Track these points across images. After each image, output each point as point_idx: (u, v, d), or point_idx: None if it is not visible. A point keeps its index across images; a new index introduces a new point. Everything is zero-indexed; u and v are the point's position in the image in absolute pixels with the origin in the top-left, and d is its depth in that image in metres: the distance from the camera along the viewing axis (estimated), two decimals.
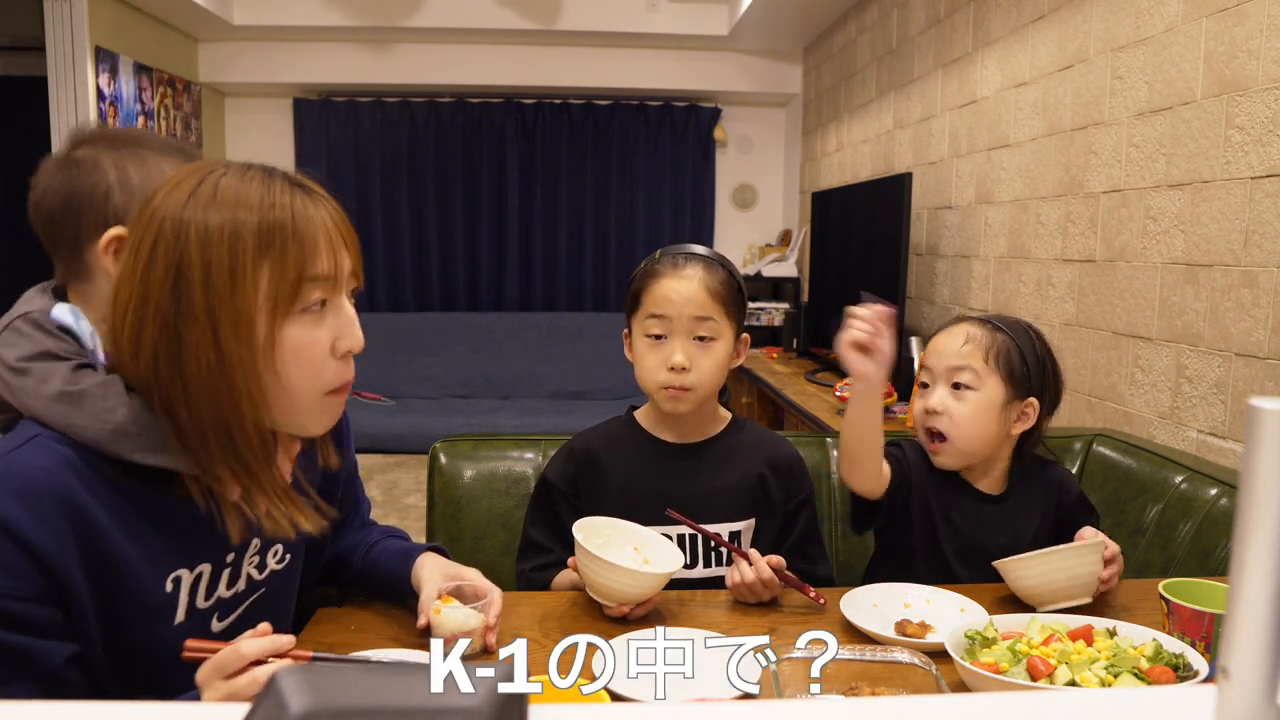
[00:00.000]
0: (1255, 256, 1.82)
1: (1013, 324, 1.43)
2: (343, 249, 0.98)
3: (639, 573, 1.17)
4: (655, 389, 1.39)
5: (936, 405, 1.40)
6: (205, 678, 0.88)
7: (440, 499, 1.78)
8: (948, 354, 1.41)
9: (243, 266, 0.91)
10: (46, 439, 0.91)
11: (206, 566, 1.01)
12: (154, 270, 0.91)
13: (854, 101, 4.47)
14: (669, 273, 1.37)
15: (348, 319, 1.00)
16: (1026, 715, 0.58)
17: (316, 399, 0.99)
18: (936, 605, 1.24)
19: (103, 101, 4.30)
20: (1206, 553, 1.50)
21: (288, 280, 0.93)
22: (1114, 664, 0.96)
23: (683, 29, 5.15)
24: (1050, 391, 1.43)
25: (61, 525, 0.88)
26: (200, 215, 0.91)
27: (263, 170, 0.96)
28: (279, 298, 0.93)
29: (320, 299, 0.97)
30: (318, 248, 0.95)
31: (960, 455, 1.40)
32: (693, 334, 1.36)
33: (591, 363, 5.76)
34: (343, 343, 0.99)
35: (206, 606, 1.02)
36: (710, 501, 1.41)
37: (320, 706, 0.56)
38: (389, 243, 5.89)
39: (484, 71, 5.47)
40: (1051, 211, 2.61)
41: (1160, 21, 2.12)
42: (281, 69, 5.40)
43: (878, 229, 3.45)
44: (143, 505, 0.95)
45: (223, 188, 0.93)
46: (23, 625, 0.87)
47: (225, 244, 0.91)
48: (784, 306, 5.18)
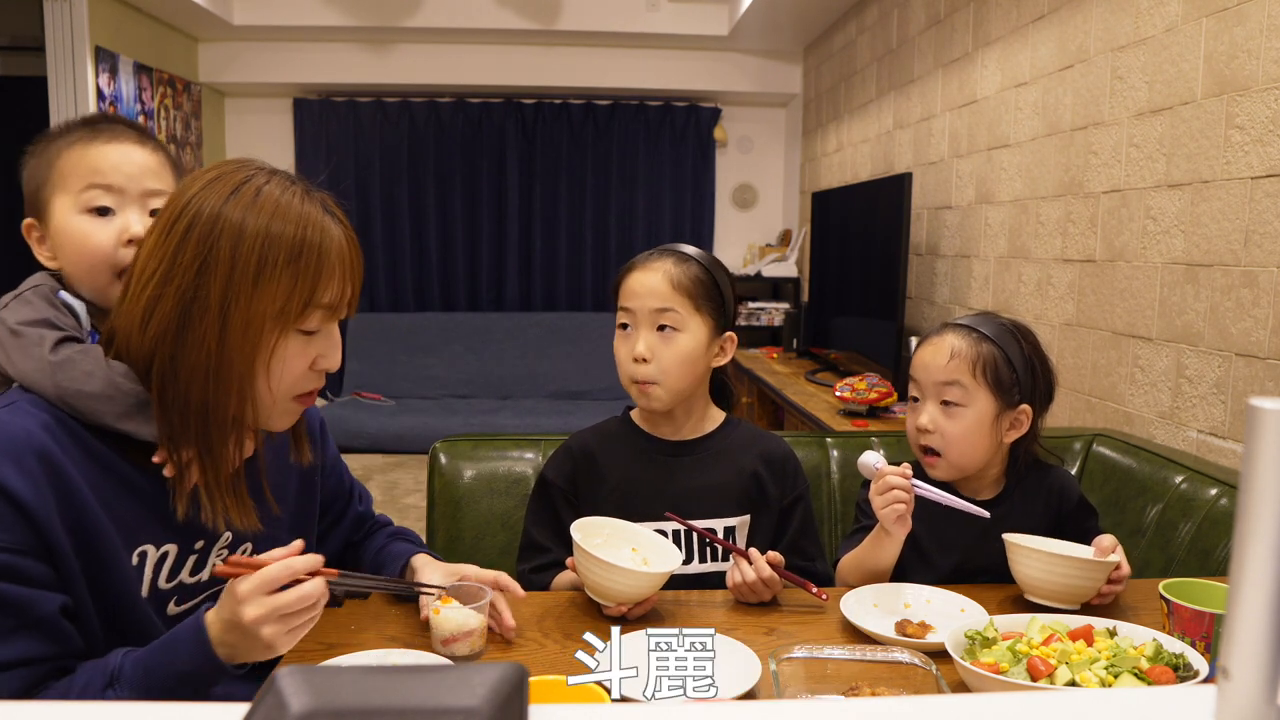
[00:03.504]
0: (1255, 256, 1.82)
1: (997, 328, 1.39)
2: (350, 281, 1.02)
3: (637, 573, 1.17)
4: (627, 383, 1.42)
5: (927, 424, 1.38)
6: (249, 591, 0.88)
7: (440, 499, 1.78)
8: (934, 369, 1.39)
9: (268, 275, 0.95)
10: (25, 403, 0.95)
11: (172, 547, 1.03)
12: (184, 253, 0.95)
13: (854, 101, 4.47)
14: (640, 266, 1.41)
15: (333, 342, 1.04)
16: (1026, 715, 0.58)
17: (285, 403, 1.03)
18: (936, 605, 1.24)
19: (103, 101, 4.30)
20: (1206, 553, 1.50)
21: (299, 299, 0.97)
22: (1114, 664, 0.96)
23: (683, 29, 5.15)
24: (1042, 393, 1.41)
25: (43, 481, 0.91)
26: (238, 215, 0.95)
27: (303, 186, 1.01)
28: (288, 313, 0.97)
29: (318, 327, 1.01)
30: (333, 276, 0.99)
31: (955, 469, 1.40)
32: (654, 325, 1.38)
33: (591, 363, 5.76)
34: (322, 362, 1.03)
35: (167, 588, 1.03)
36: (705, 497, 1.42)
37: (320, 706, 0.56)
38: (389, 242, 5.89)
39: (484, 71, 5.48)
40: (1051, 211, 2.61)
41: (1160, 21, 2.12)
42: (281, 69, 5.40)
43: (878, 229, 3.45)
44: (116, 474, 0.98)
45: (265, 194, 0.97)
46: (15, 575, 0.89)
47: (256, 249, 0.95)
48: (784, 306, 5.18)
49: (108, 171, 1.08)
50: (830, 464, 1.86)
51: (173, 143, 5.03)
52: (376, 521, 1.41)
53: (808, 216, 5.00)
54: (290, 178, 1.01)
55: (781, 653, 1.01)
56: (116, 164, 1.09)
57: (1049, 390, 1.42)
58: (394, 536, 1.36)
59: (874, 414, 3.08)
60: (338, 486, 1.32)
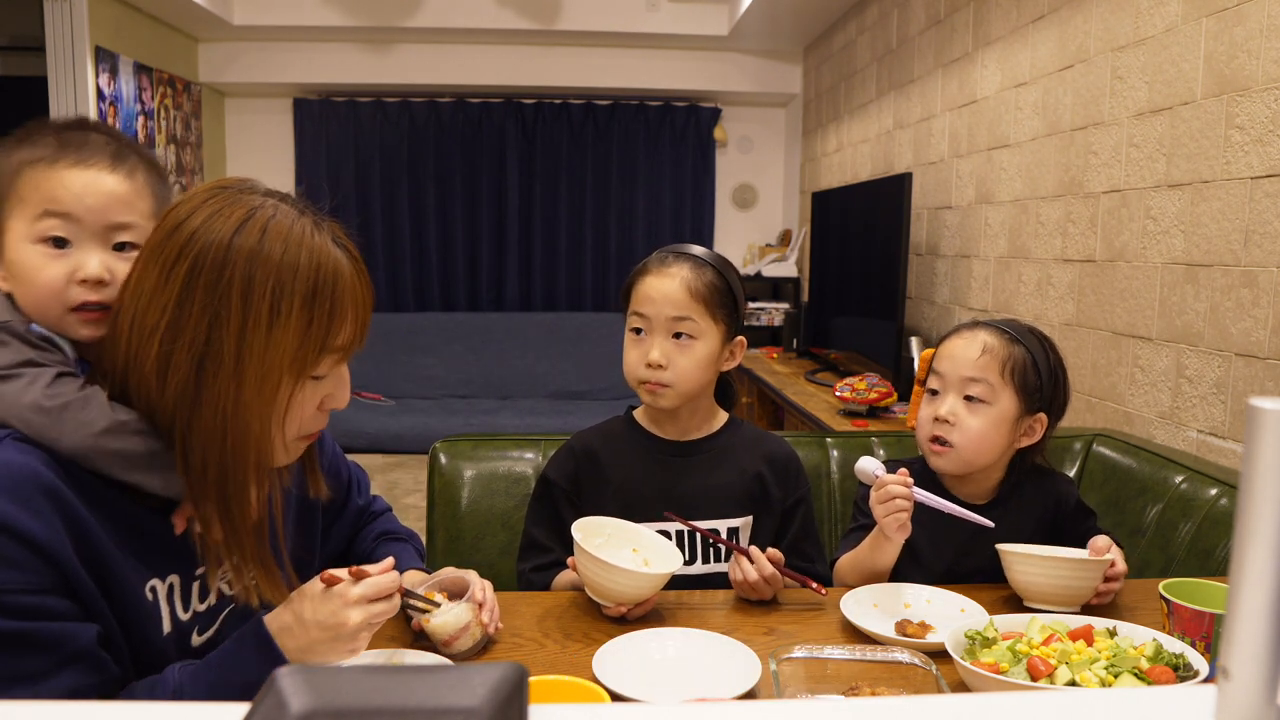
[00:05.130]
0: (1255, 256, 1.82)
1: (1028, 334, 1.39)
2: (361, 320, 0.97)
3: (637, 573, 1.17)
4: (635, 383, 1.41)
5: (948, 415, 1.37)
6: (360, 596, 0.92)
7: (440, 499, 1.78)
8: (963, 363, 1.37)
9: (282, 322, 0.89)
10: (12, 438, 0.88)
11: (175, 578, 0.98)
12: (191, 301, 0.88)
13: (854, 101, 4.47)
14: (655, 270, 1.40)
15: (343, 382, 0.99)
16: (1026, 715, 0.58)
17: (291, 443, 0.98)
18: (937, 605, 1.24)
19: (103, 101, 4.30)
20: (1206, 553, 1.50)
21: (313, 345, 0.92)
22: (1114, 664, 0.96)
23: (683, 29, 5.15)
24: (1059, 405, 1.41)
25: (55, 519, 0.86)
26: (247, 253, 0.88)
27: (312, 216, 0.94)
28: (303, 360, 0.92)
29: (327, 372, 0.96)
30: (346, 318, 0.94)
31: (963, 464, 1.39)
32: (671, 332, 1.38)
33: (591, 363, 5.76)
34: (330, 402, 0.99)
35: (187, 618, 0.99)
36: (708, 498, 1.42)
37: (320, 706, 0.56)
38: (389, 242, 5.89)
39: (484, 71, 5.48)
40: (1051, 211, 2.61)
41: (1160, 21, 2.12)
42: (281, 69, 5.40)
43: (878, 229, 3.45)
44: (114, 508, 0.92)
45: (273, 229, 0.90)
46: (44, 614, 0.85)
47: (268, 295, 0.88)
48: (784, 306, 5.18)
49: (67, 201, 0.95)
50: (830, 464, 1.86)
51: (173, 143, 5.03)
52: (372, 512, 1.38)
53: (808, 216, 5.00)
54: (298, 205, 0.94)
55: (781, 653, 1.01)
56: (79, 194, 0.96)
57: (1064, 404, 1.42)
58: (380, 539, 1.33)
59: (874, 414, 3.08)
60: (336, 484, 1.28)
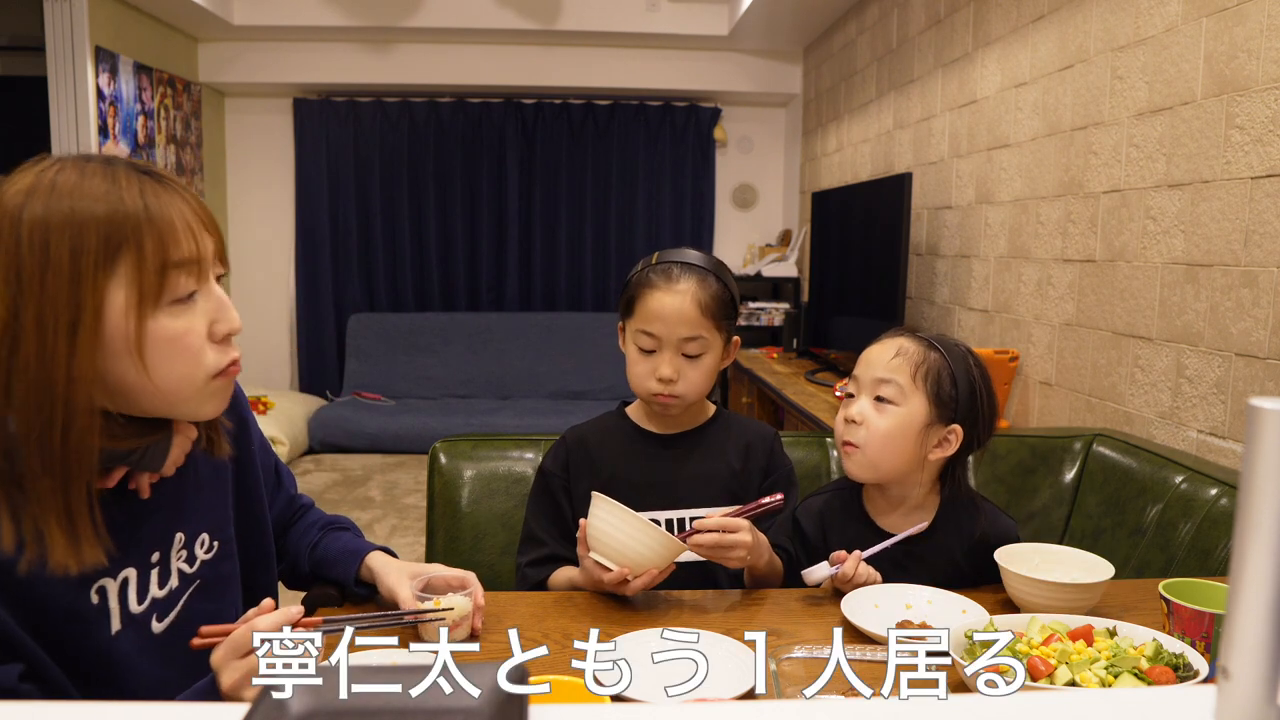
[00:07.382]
0: (1255, 256, 1.82)
1: (951, 345, 1.37)
2: (204, 233, 0.93)
3: (660, 532, 1.19)
4: (645, 396, 1.43)
5: (855, 415, 1.35)
6: (221, 659, 0.87)
7: (440, 499, 1.78)
8: (875, 365, 1.36)
9: (86, 268, 0.85)
10: None
11: (131, 571, 0.97)
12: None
13: (854, 101, 4.47)
14: (662, 285, 1.38)
15: (220, 303, 0.95)
16: (1026, 715, 0.58)
17: (200, 386, 0.94)
18: (938, 606, 1.24)
19: (103, 101, 4.30)
20: (1206, 553, 1.50)
21: (150, 272, 0.88)
22: (1114, 664, 0.96)
23: (683, 29, 5.15)
24: (981, 423, 1.36)
25: None
26: (39, 214, 0.85)
27: (103, 162, 0.90)
28: (144, 291, 0.88)
29: (190, 290, 0.92)
30: (176, 234, 0.90)
31: (869, 467, 1.35)
32: (681, 350, 1.39)
33: (591, 363, 5.76)
34: (219, 326, 0.95)
35: (142, 609, 0.99)
36: (695, 487, 1.45)
37: (320, 706, 0.56)
38: (389, 242, 5.89)
39: (484, 71, 5.48)
40: (1051, 211, 2.61)
41: (1160, 21, 2.12)
42: (281, 69, 5.40)
43: (878, 229, 3.45)
44: None
45: (60, 184, 0.86)
46: None
47: (66, 245, 0.85)
48: (784, 306, 5.18)
49: None
50: (830, 464, 1.86)
51: (173, 143, 5.03)
52: (303, 505, 1.35)
53: (808, 216, 5.00)
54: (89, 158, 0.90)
55: (781, 653, 1.01)
56: None
57: (988, 426, 1.37)
58: (327, 529, 1.30)
59: None
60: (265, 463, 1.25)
